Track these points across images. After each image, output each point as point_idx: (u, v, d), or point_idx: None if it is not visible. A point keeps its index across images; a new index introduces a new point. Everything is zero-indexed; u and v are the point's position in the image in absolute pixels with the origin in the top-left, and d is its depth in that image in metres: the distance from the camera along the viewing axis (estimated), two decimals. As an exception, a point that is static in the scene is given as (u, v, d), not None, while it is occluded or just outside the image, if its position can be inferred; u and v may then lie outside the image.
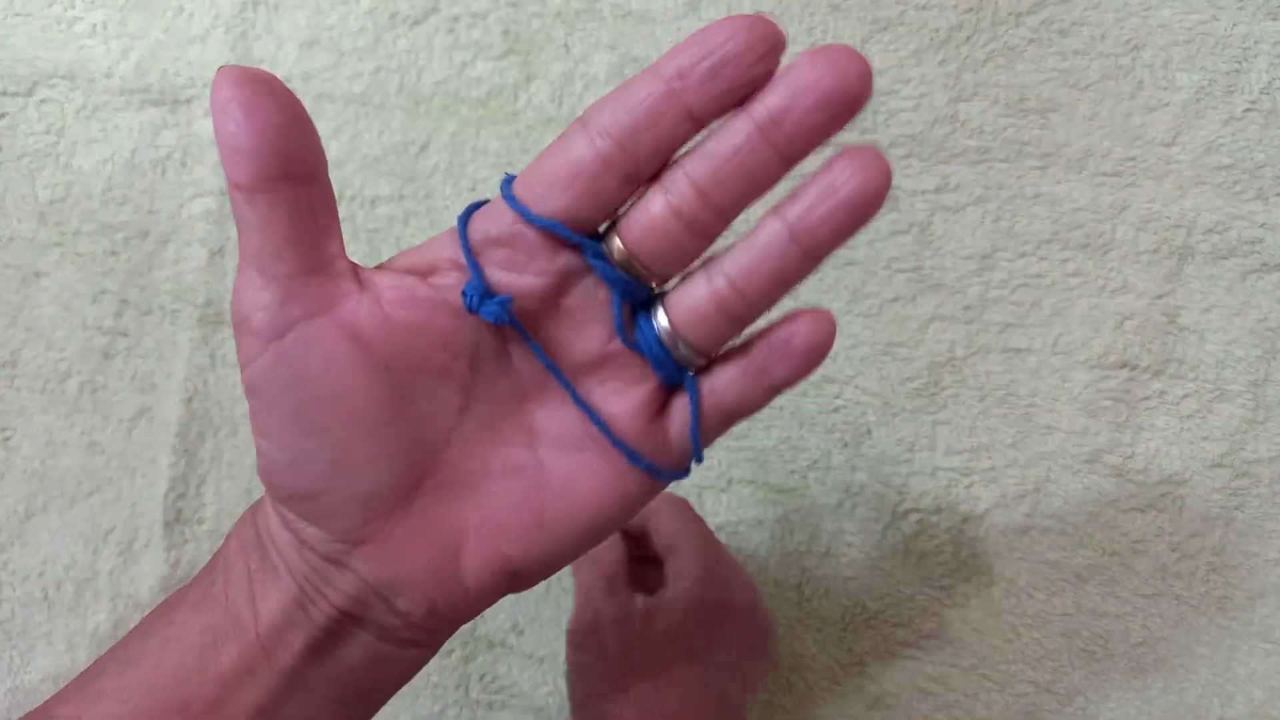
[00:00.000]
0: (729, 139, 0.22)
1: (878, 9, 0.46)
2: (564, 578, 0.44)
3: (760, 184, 0.22)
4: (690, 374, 0.25)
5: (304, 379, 0.23)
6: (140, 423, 0.44)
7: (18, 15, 0.47)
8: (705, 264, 0.24)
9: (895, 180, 0.45)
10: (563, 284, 0.24)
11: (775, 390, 0.26)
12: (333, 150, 0.46)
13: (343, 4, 0.47)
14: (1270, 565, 0.43)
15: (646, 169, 0.22)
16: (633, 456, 0.25)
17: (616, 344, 0.25)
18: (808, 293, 0.45)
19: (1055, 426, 0.44)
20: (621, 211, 0.24)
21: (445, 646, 0.43)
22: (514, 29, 0.47)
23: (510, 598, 0.43)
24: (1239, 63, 0.45)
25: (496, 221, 0.24)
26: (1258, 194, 0.45)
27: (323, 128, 0.46)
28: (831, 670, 0.43)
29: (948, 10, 0.46)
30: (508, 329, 0.25)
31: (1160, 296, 0.44)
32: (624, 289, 0.24)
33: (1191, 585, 0.43)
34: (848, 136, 0.43)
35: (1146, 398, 0.44)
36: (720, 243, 0.24)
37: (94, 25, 0.47)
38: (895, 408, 0.44)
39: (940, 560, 0.44)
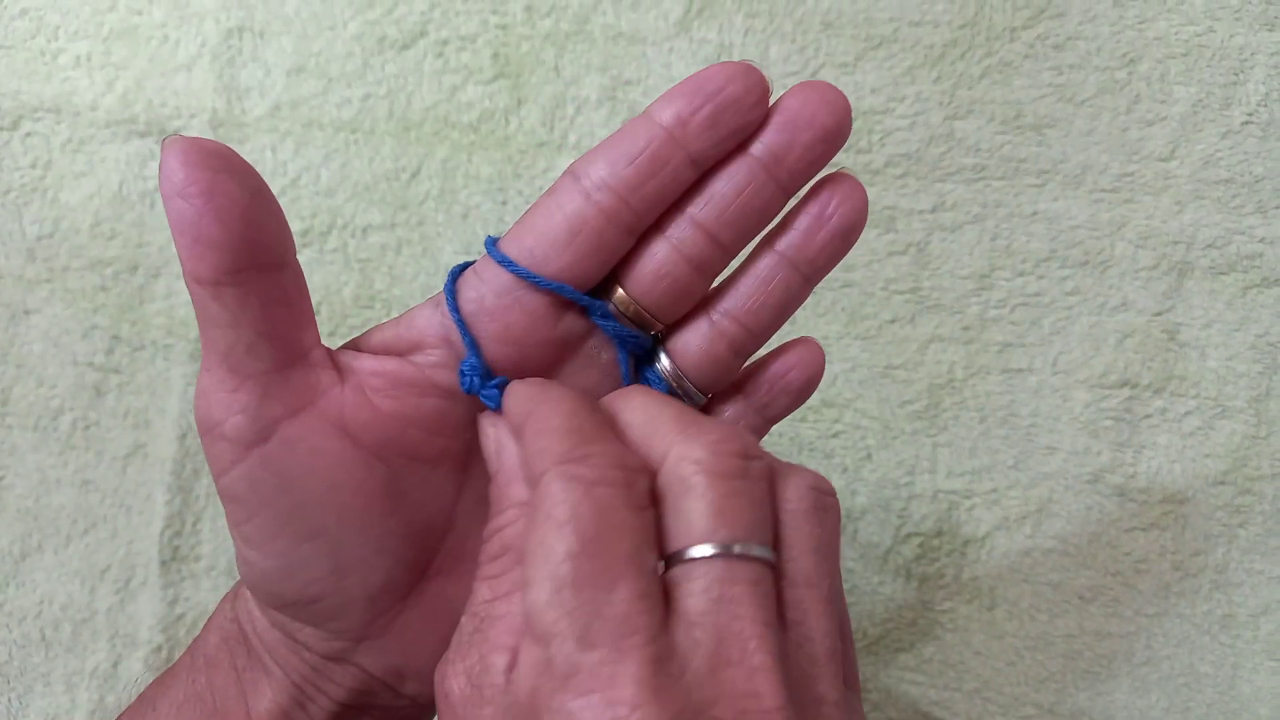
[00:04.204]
0: (733, 179, 0.22)
1: (871, 26, 0.45)
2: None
3: (765, 218, 0.23)
4: None
5: (292, 482, 0.21)
6: (134, 460, 0.44)
7: (0, 48, 0.46)
8: (701, 306, 0.24)
9: (891, 200, 0.45)
10: (563, 352, 0.24)
11: (770, 422, 0.26)
12: (323, 178, 0.46)
13: (329, 29, 0.46)
14: (1274, 582, 0.43)
15: (647, 218, 0.22)
16: None
17: None
18: (805, 315, 0.44)
19: (1056, 447, 0.44)
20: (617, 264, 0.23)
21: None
22: (503, 52, 0.46)
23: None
24: (1236, 75, 0.45)
25: (490, 286, 0.22)
26: (1257, 208, 0.44)
27: (312, 155, 0.46)
28: (835, 697, 0.43)
29: (942, 26, 0.45)
30: None
31: (1160, 313, 0.44)
32: (633, 344, 0.24)
33: (1195, 604, 0.43)
34: (841, 157, 0.43)
35: (1148, 415, 0.44)
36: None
37: (78, 57, 0.46)
38: (895, 430, 0.44)
39: (942, 584, 0.43)
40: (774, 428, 0.44)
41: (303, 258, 0.45)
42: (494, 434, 0.21)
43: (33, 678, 0.43)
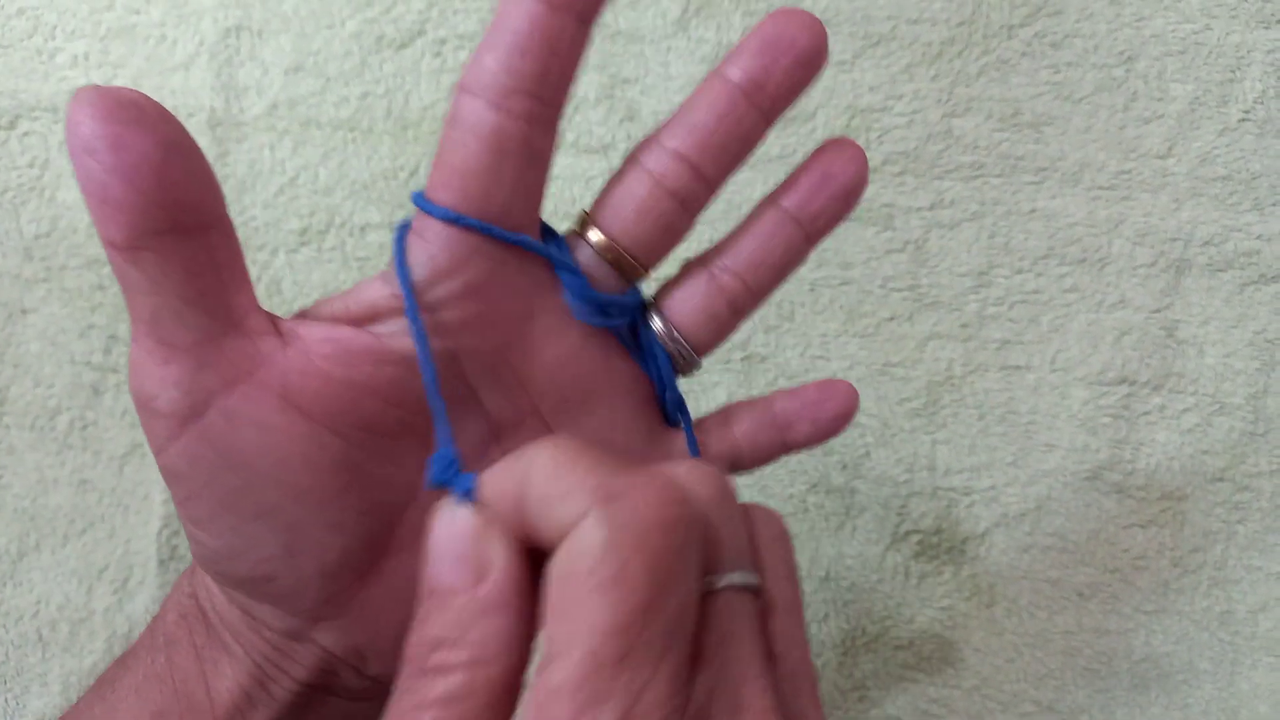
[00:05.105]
0: (713, 108, 0.21)
1: (869, 24, 0.45)
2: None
3: (747, 147, 0.22)
4: (682, 399, 0.25)
5: (235, 458, 0.19)
6: (132, 459, 0.44)
7: (-3, 47, 0.46)
8: (700, 262, 0.24)
9: (889, 198, 0.45)
10: (536, 302, 0.22)
11: (787, 448, 0.25)
12: (320, 177, 0.46)
13: (327, 28, 0.46)
14: (1273, 579, 0.43)
15: (559, 104, 0.21)
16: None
17: (589, 369, 0.23)
18: (803, 314, 0.44)
19: (1055, 444, 0.44)
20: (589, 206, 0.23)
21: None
22: (501, 51, 0.46)
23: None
24: (1233, 72, 0.45)
25: (438, 243, 0.20)
26: (1254, 205, 0.44)
27: (310, 154, 0.46)
28: (832, 696, 0.43)
29: (939, 24, 0.45)
30: (473, 368, 0.22)
31: (1158, 310, 0.44)
32: (613, 310, 0.23)
33: (1194, 600, 0.43)
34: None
35: (1146, 413, 0.44)
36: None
37: (75, 56, 0.46)
38: (894, 428, 0.44)
39: (941, 581, 0.43)
40: (773, 425, 0.44)
41: (300, 256, 0.45)
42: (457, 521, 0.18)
43: (30, 678, 0.43)
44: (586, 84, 0.46)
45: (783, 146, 0.44)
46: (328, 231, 0.45)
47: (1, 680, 0.43)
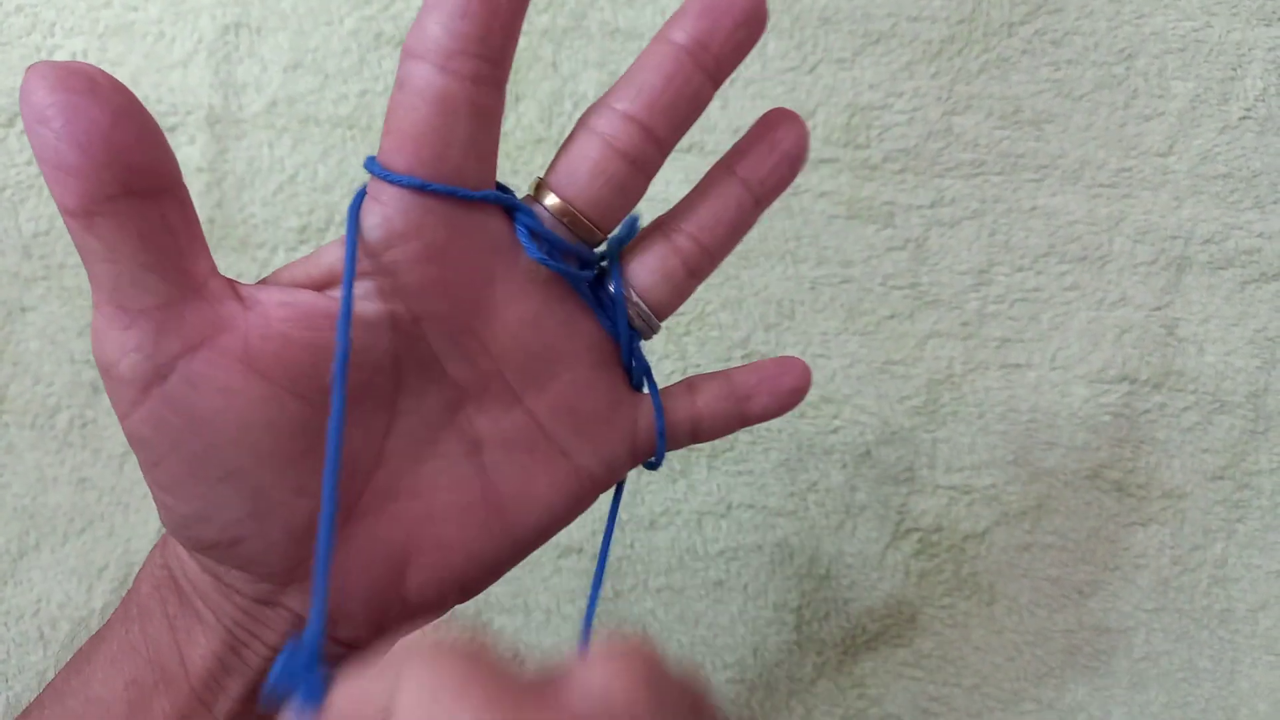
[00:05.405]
0: (660, 69, 0.22)
1: (869, 22, 0.45)
2: (563, 604, 0.43)
3: (695, 108, 0.23)
4: (648, 367, 0.26)
5: (199, 422, 0.19)
6: (131, 458, 0.44)
7: (-5, 44, 0.46)
8: (655, 226, 0.25)
9: (890, 196, 0.45)
10: (495, 264, 0.22)
11: (744, 420, 0.26)
12: (320, 174, 0.46)
13: (326, 25, 0.46)
14: (1273, 577, 0.43)
15: (506, 65, 0.21)
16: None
17: (555, 336, 0.24)
18: (804, 311, 0.44)
19: (1055, 442, 0.44)
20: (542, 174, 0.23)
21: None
22: (501, 49, 0.46)
23: (512, 627, 0.43)
24: (1233, 70, 0.45)
25: (394, 205, 0.20)
26: (1255, 203, 0.44)
27: (310, 152, 0.46)
28: (832, 693, 0.43)
29: (940, 22, 0.45)
30: (435, 333, 0.22)
31: (1159, 308, 0.44)
32: (572, 254, 0.23)
33: (1194, 599, 0.43)
34: (839, 153, 0.43)
35: (1146, 411, 0.44)
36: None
37: (74, 53, 0.46)
38: (894, 426, 0.44)
39: (941, 579, 0.43)
40: (773, 425, 0.44)
41: (300, 254, 0.45)
42: None
43: (30, 676, 0.43)
44: (587, 82, 0.46)
45: (783, 144, 0.44)
46: (327, 229, 0.45)
47: (3, 678, 0.43)
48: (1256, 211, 0.44)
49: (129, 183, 0.18)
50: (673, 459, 0.43)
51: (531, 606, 0.43)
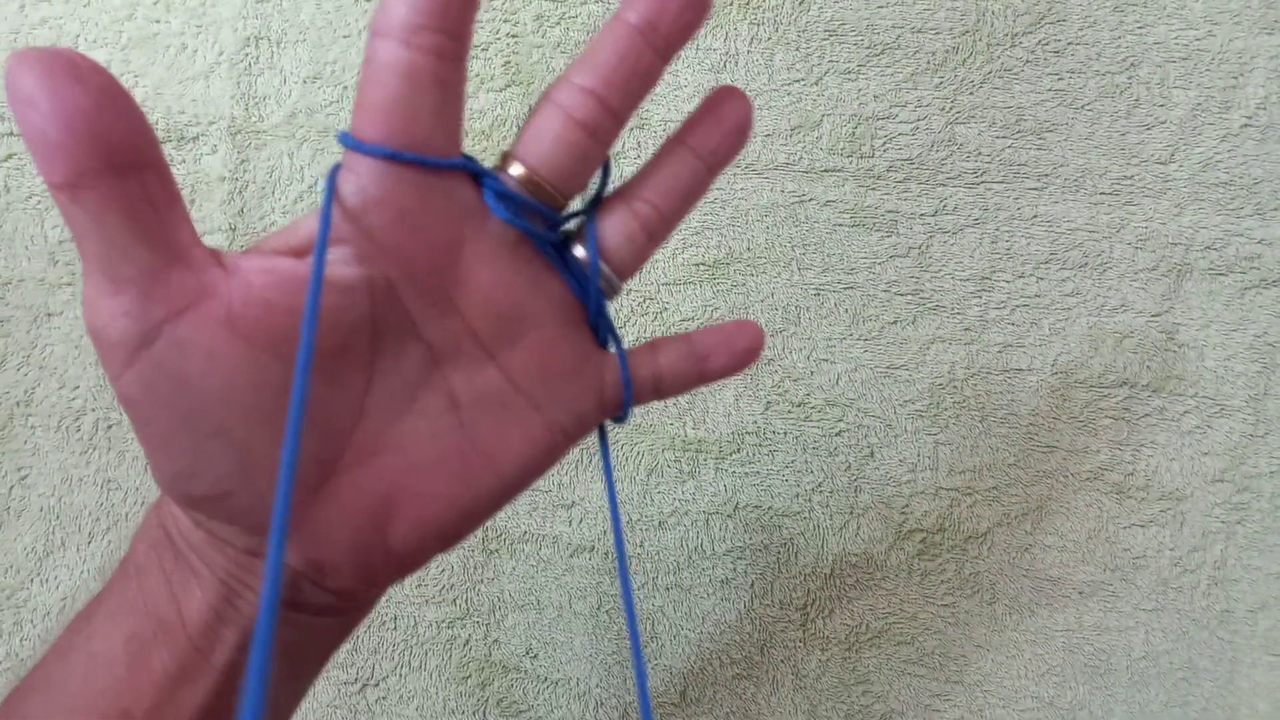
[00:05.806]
0: (615, 47, 0.23)
1: (874, 34, 0.46)
2: (575, 601, 0.44)
3: (647, 84, 0.24)
4: (614, 329, 0.27)
5: (187, 383, 0.21)
6: (154, 459, 0.45)
7: (23, 57, 0.47)
8: (617, 195, 0.26)
9: (893, 204, 0.46)
10: (465, 229, 0.24)
11: (703, 378, 0.28)
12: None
13: (344, 38, 0.48)
14: (1272, 578, 0.44)
15: (466, 41, 0.22)
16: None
17: (520, 298, 0.25)
18: (809, 317, 0.45)
19: (1056, 445, 0.44)
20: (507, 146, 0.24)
21: (461, 672, 0.44)
22: (515, 60, 0.47)
23: (525, 624, 0.44)
24: (1235, 78, 0.46)
25: (367, 175, 0.22)
26: (1255, 210, 0.45)
27: (328, 161, 0.47)
28: (836, 690, 0.44)
29: (943, 33, 0.46)
30: (409, 296, 0.24)
31: (1159, 314, 0.45)
32: (538, 214, 0.24)
33: (1193, 599, 0.44)
34: (844, 162, 0.43)
35: (1147, 414, 0.45)
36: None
37: (98, 65, 0.47)
38: (897, 429, 0.45)
39: (944, 579, 0.44)
40: (780, 428, 0.45)
41: (318, 261, 0.46)
42: None
43: (57, 671, 0.44)
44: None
45: (789, 154, 0.45)
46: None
47: (30, 673, 0.44)
48: (1257, 218, 0.45)
49: (112, 158, 0.19)
50: (681, 461, 0.44)
51: (544, 603, 0.44)
